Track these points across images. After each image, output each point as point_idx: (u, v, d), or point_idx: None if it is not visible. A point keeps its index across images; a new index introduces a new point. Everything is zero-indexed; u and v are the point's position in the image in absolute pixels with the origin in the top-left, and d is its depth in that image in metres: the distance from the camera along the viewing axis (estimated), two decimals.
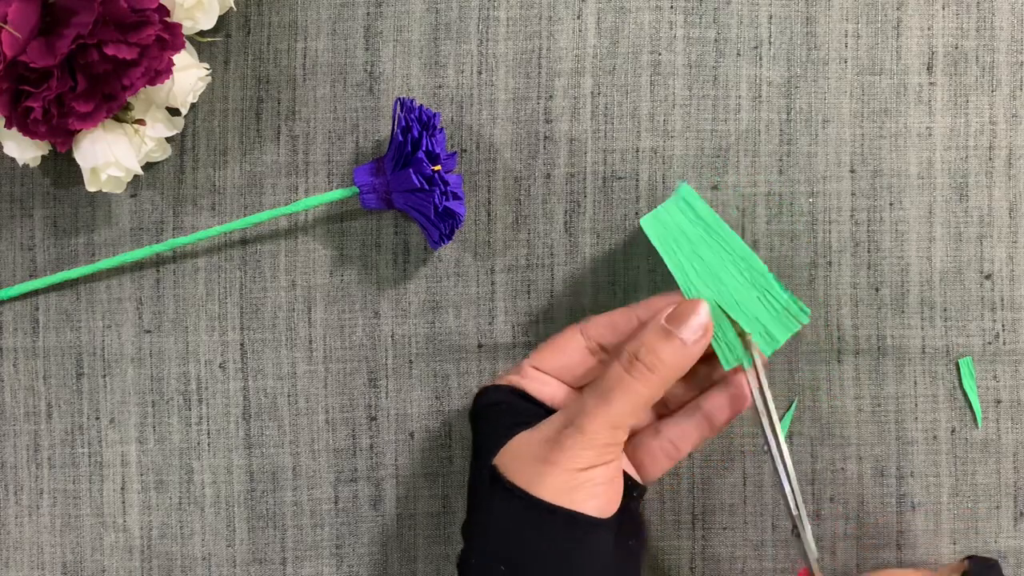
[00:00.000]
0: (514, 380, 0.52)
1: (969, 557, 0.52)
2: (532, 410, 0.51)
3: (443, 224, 0.53)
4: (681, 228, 0.51)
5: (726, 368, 0.50)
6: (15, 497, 0.58)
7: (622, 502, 0.49)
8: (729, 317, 0.50)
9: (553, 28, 0.57)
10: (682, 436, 0.52)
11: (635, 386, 0.48)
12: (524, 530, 0.48)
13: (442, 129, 0.54)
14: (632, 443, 0.52)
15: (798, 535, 0.50)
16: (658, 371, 0.48)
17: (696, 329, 0.48)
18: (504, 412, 0.51)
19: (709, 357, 0.50)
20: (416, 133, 0.52)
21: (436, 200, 0.52)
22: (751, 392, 0.50)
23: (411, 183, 0.52)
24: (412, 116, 0.53)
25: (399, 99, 0.53)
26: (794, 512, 0.50)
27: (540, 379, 0.52)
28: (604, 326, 0.51)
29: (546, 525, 0.47)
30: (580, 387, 0.52)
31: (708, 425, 0.52)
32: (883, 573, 0.53)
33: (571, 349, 0.52)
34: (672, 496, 0.57)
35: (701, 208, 0.51)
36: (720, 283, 0.50)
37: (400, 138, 0.52)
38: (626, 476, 0.50)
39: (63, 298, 0.57)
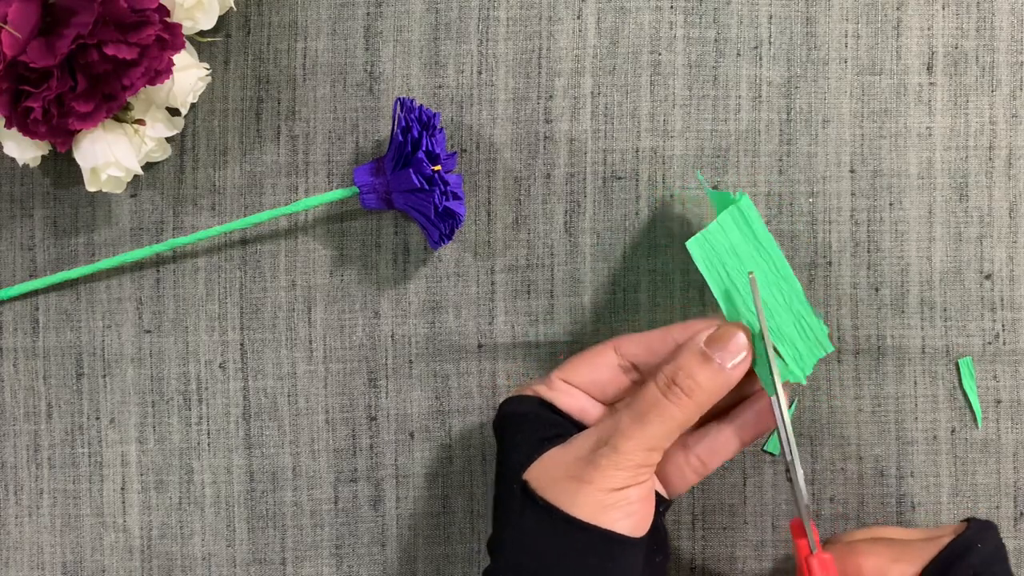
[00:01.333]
0: (542, 391, 0.51)
1: (968, 519, 0.52)
2: (560, 423, 0.50)
3: (443, 224, 0.53)
4: (733, 244, 0.50)
5: (770, 393, 0.49)
6: (15, 497, 0.58)
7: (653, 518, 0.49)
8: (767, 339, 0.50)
9: (553, 28, 0.57)
10: (710, 452, 0.51)
11: (671, 410, 0.47)
12: (556, 547, 0.47)
13: (442, 129, 0.54)
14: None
15: (791, 479, 0.49)
16: (695, 396, 0.47)
17: (735, 353, 0.48)
18: (532, 424, 0.50)
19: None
20: (416, 133, 0.52)
21: (436, 200, 0.52)
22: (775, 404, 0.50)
23: (411, 183, 0.52)
24: (412, 116, 0.53)
25: (399, 99, 0.53)
26: (788, 457, 0.49)
27: (569, 392, 0.51)
28: (639, 345, 0.51)
29: (579, 543, 0.47)
30: (610, 403, 0.52)
31: (737, 441, 0.51)
32: (877, 530, 0.53)
33: (603, 365, 0.51)
34: None
35: (756, 223, 0.51)
36: (763, 304, 0.50)
37: (400, 138, 0.52)
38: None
39: (63, 298, 0.57)
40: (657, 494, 0.51)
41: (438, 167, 0.52)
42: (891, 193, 0.57)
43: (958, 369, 0.57)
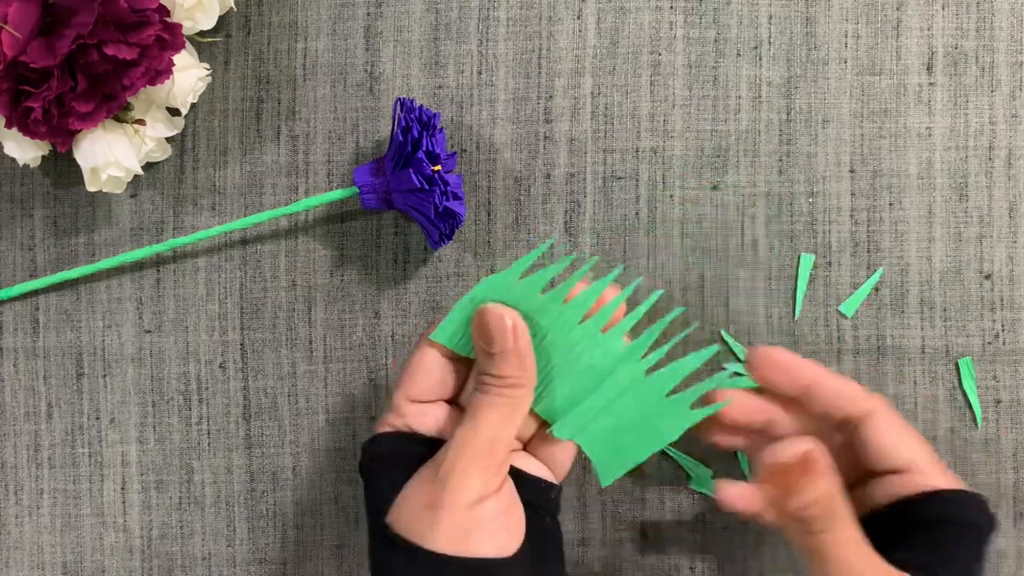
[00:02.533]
0: (397, 423, 0.49)
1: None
2: (421, 453, 0.48)
3: (443, 224, 0.53)
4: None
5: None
6: (15, 497, 0.58)
7: (534, 521, 0.47)
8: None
9: (553, 28, 0.57)
10: None
11: (491, 400, 0.47)
12: None
13: (442, 129, 0.54)
14: (539, 438, 0.50)
15: None
16: (505, 381, 0.47)
17: (501, 336, 0.47)
18: (390, 463, 0.48)
19: None
20: (416, 133, 0.52)
21: (436, 200, 0.52)
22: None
23: (411, 183, 0.52)
24: (412, 116, 0.53)
25: (399, 99, 0.53)
26: None
27: (421, 411, 0.49)
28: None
29: None
30: (458, 396, 0.51)
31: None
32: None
33: (432, 366, 0.50)
34: (672, 496, 0.57)
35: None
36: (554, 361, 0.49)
37: (400, 138, 0.52)
38: (539, 480, 0.49)
39: (63, 298, 0.57)
40: (544, 481, 0.49)
41: (438, 167, 0.52)
42: (891, 193, 0.57)
43: (958, 369, 0.57)
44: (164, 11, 0.49)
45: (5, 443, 0.58)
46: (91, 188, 0.53)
